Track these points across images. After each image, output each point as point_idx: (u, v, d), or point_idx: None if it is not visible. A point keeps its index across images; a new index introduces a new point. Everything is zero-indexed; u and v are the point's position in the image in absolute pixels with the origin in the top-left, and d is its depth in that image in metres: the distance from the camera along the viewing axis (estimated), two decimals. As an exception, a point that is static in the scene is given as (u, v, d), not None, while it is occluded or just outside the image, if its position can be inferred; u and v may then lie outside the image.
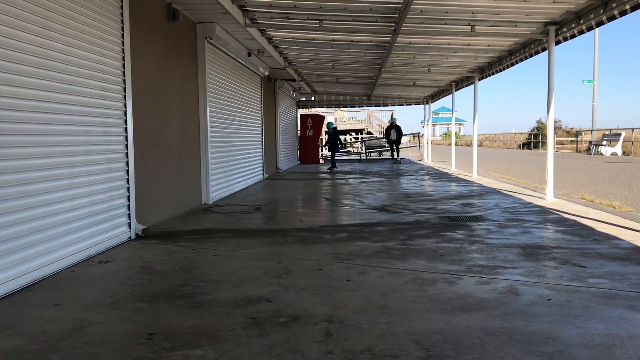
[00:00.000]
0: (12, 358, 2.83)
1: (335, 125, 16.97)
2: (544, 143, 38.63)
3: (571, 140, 38.35)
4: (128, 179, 6.05)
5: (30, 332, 3.20)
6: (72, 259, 4.85)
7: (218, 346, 2.95)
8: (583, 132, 36.91)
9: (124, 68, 6.01)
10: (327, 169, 16.98)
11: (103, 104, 5.54)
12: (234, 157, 11.30)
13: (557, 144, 34.81)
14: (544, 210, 7.91)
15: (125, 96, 6.01)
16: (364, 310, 3.53)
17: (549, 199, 9.02)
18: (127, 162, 6.05)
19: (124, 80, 6.00)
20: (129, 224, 6.05)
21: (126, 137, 6.03)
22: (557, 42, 8.94)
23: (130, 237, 6.03)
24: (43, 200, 4.48)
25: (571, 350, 2.83)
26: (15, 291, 4.00)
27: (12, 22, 4.08)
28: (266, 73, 14.16)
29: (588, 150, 31.82)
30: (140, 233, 6.19)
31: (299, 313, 3.48)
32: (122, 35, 5.97)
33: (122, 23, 5.97)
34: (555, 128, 10.31)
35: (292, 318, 3.39)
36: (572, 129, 42.24)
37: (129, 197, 6.06)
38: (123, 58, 5.98)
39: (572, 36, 8.59)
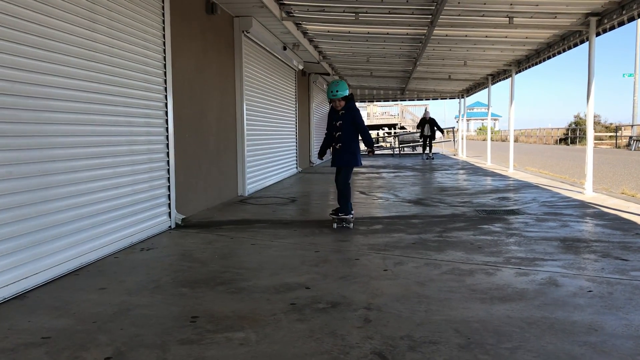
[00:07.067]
0: (63, 336, 2.95)
1: (351, 93, 8.22)
2: (582, 138, 37.81)
3: (610, 136, 37.43)
4: (168, 170, 6.18)
5: (79, 314, 3.32)
6: (116, 246, 4.99)
7: (260, 329, 3.02)
8: (623, 128, 35.97)
9: (165, 61, 6.13)
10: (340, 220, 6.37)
11: (145, 95, 5.67)
12: (269, 150, 11.40)
13: (595, 140, 33.99)
14: (583, 205, 7.77)
15: (165, 89, 6.13)
16: (402, 298, 3.55)
17: (588, 193, 8.85)
18: (168, 154, 6.17)
19: (165, 73, 6.13)
20: (169, 213, 6.18)
21: (167, 129, 6.16)
22: (598, 34, 8.76)
23: (170, 226, 6.17)
24: (89, 188, 4.62)
25: (614, 341, 2.81)
26: (63, 275, 4.15)
27: (62, 15, 4.21)
28: (300, 67, 14.22)
29: (628, 145, 31.02)
30: (179, 222, 6.32)
31: (338, 300, 3.53)
32: (163, 29, 6.09)
33: (163, 17, 6.09)
34: (594, 123, 10.08)
35: (331, 304, 3.43)
36: (611, 124, 41.24)
37: (169, 187, 6.19)
38: (164, 51, 6.11)
39: (612, 27, 8.41)
